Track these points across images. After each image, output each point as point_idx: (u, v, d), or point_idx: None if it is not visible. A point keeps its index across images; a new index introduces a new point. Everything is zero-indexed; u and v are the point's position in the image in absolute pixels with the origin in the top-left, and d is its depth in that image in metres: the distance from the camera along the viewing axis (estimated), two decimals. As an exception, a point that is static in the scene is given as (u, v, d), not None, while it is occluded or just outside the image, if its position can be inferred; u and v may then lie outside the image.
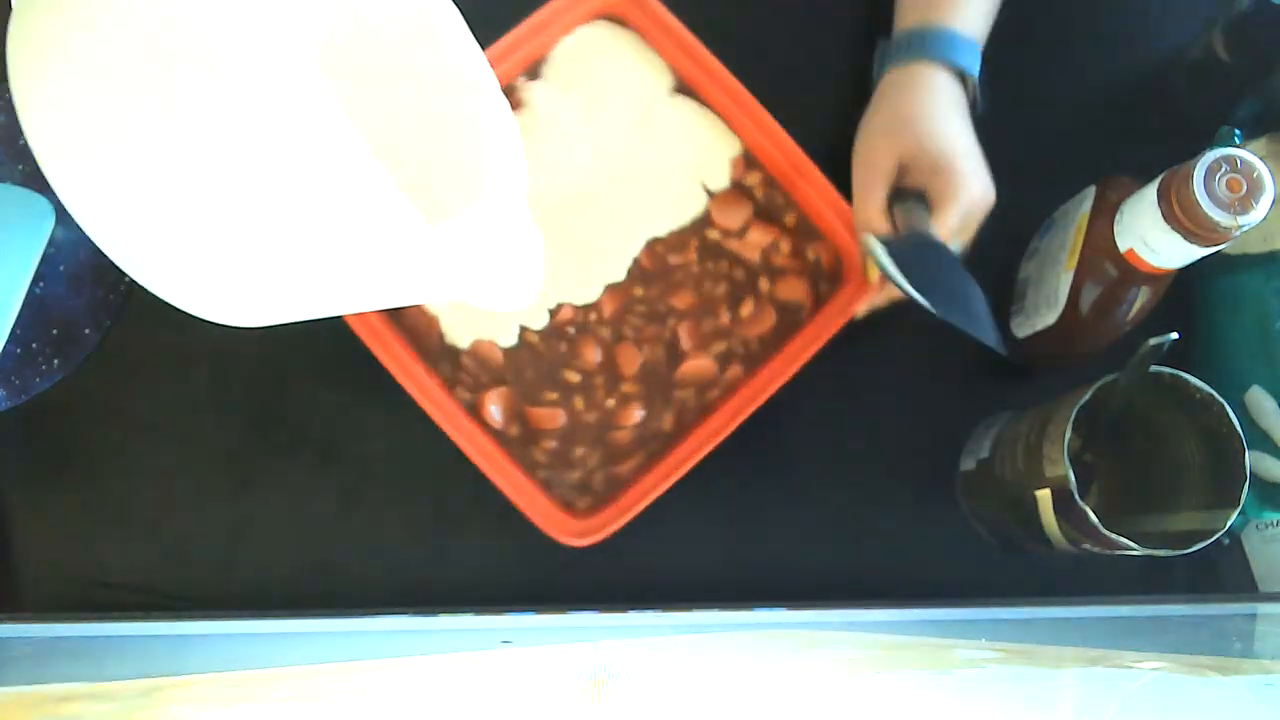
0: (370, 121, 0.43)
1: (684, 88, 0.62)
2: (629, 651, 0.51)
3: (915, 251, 0.54)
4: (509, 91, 0.58)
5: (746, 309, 0.60)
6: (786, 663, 0.52)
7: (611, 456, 0.58)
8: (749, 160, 0.61)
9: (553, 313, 0.59)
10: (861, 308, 0.58)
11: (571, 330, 0.59)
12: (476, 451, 0.56)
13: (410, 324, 0.58)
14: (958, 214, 0.54)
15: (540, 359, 0.59)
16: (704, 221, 0.60)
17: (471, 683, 0.49)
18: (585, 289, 0.60)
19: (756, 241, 0.60)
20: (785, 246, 0.60)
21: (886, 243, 0.54)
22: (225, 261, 0.39)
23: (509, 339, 0.58)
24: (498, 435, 0.57)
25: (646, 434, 0.58)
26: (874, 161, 0.56)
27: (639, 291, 0.60)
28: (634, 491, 0.56)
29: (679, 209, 0.61)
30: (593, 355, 0.58)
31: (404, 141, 0.49)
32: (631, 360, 0.59)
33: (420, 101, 0.50)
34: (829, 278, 0.61)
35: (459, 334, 0.58)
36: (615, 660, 0.49)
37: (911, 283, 0.52)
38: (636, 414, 0.58)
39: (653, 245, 0.60)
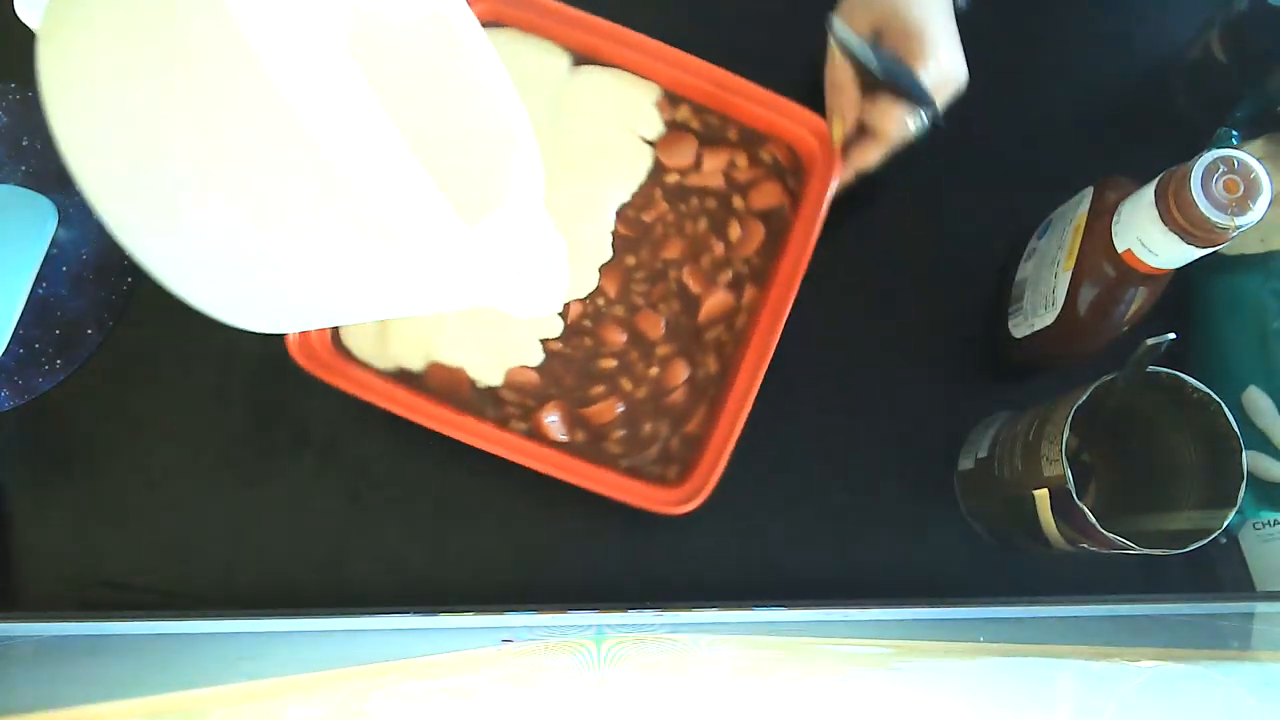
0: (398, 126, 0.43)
1: (582, 59, 0.62)
2: (629, 651, 0.51)
3: (873, 45, 0.56)
4: None
5: (734, 232, 0.61)
6: (775, 664, 0.53)
7: (678, 419, 0.59)
8: (671, 98, 0.62)
9: (563, 314, 0.59)
10: (833, 187, 0.59)
11: (588, 322, 0.59)
12: (557, 470, 0.56)
13: (437, 385, 0.58)
14: (925, 78, 0.55)
15: (572, 361, 0.59)
16: (658, 170, 0.61)
17: (472, 681, 0.49)
18: (582, 280, 0.60)
19: (713, 167, 0.61)
20: (741, 160, 0.62)
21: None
22: (261, 269, 0.38)
23: (536, 357, 0.59)
24: (568, 447, 0.58)
25: (698, 384, 0.59)
26: (850, 24, 0.57)
27: (631, 260, 0.60)
28: (715, 440, 0.57)
29: (630, 170, 0.61)
30: (618, 336, 0.59)
31: (428, 146, 0.49)
32: (654, 325, 0.59)
33: (441, 106, 0.50)
34: (793, 172, 0.62)
35: (488, 374, 0.58)
36: (615, 659, 0.50)
37: (873, 58, 0.54)
38: (682, 371, 0.59)
39: (623, 212, 0.61)
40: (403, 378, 0.58)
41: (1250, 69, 0.62)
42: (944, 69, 0.56)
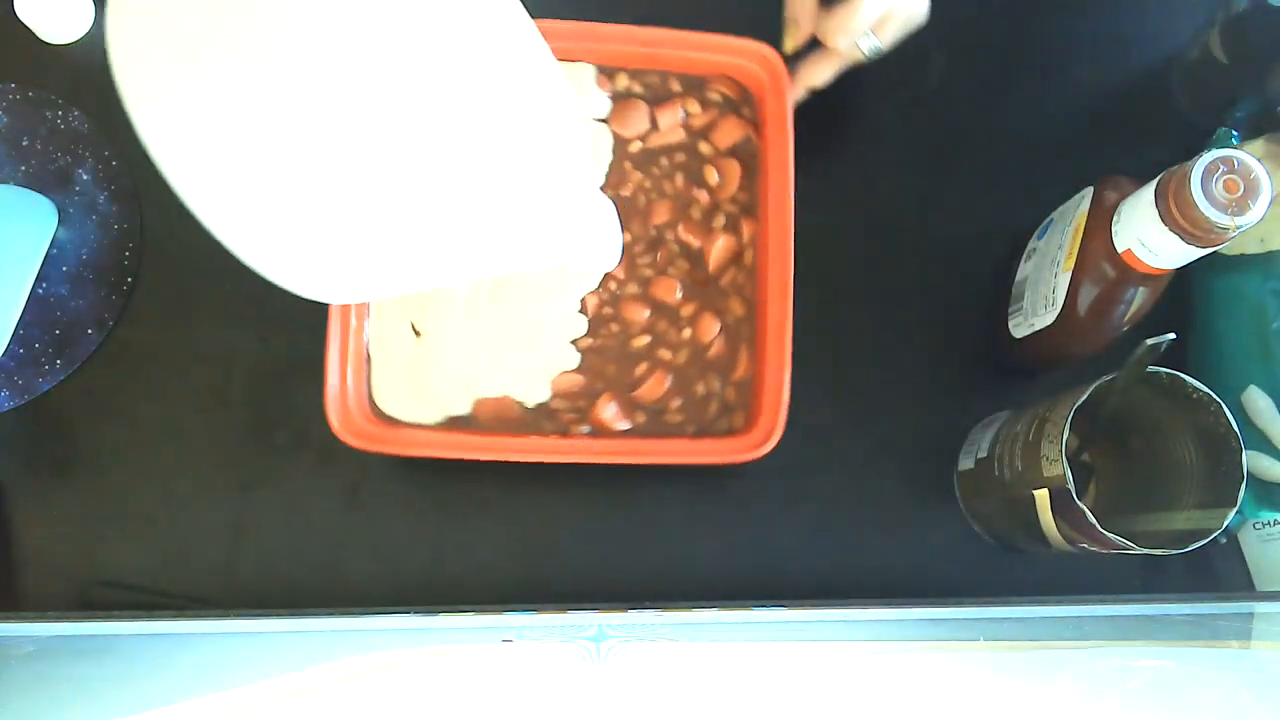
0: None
1: None
2: (629, 651, 0.51)
3: None
4: None
5: (711, 176, 0.61)
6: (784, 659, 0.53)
7: (724, 370, 0.60)
8: (605, 71, 0.62)
9: (583, 310, 0.60)
10: (791, 104, 0.59)
11: (608, 310, 0.60)
12: (632, 456, 0.57)
13: (489, 419, 0.58)
14: (873, 3, 0.54)
15: (607, 351, 0.59)
16: (619, 144, 0.61)
17: (472, 681, 0.49)
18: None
19: (669, 123, 0.61)
20: (692, 107, 0.62)
21: None
22: (382, 236, 0.35)
23: (573, 359, 0.59)
24: (633, 432, 0.59)
25: (732, 331, 0.60)
26: None
27: (626, 236, 0.60)
28: (770, 376, 0.57)
29: (593, 152, 0.61)
30: (639, 313, 0.59)
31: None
32: (670, 290, 0.60)
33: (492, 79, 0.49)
34: (745, 102, 0.62)
35: (533, 392, 0.58)
36: (615, 659, 0.50)
37: None
38: (713, 324, 0.59)
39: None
40: (453, 424, 0.58)
41: (1250, 69, 0.62)
42: None
